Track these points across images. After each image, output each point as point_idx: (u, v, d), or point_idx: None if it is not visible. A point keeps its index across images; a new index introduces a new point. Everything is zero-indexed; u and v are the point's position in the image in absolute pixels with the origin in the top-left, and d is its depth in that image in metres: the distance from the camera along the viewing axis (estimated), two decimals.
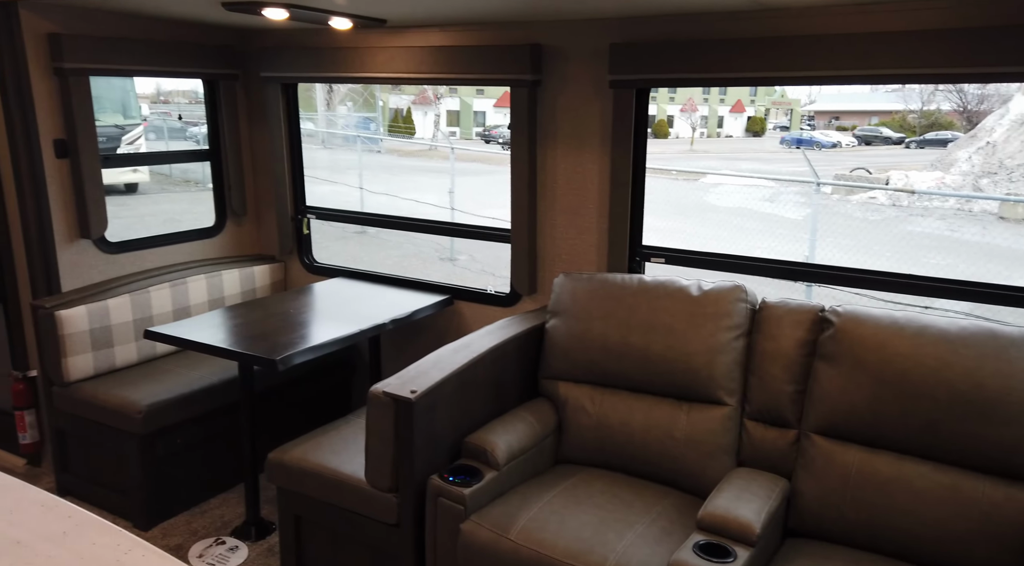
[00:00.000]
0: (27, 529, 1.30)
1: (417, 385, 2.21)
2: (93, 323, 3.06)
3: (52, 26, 2.93)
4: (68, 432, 3.11)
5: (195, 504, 3.10)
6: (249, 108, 3.76)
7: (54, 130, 3.03)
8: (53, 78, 2.98)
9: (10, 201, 3.09)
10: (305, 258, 3.88)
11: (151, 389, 2.97)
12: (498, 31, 2.95)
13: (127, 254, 3.40)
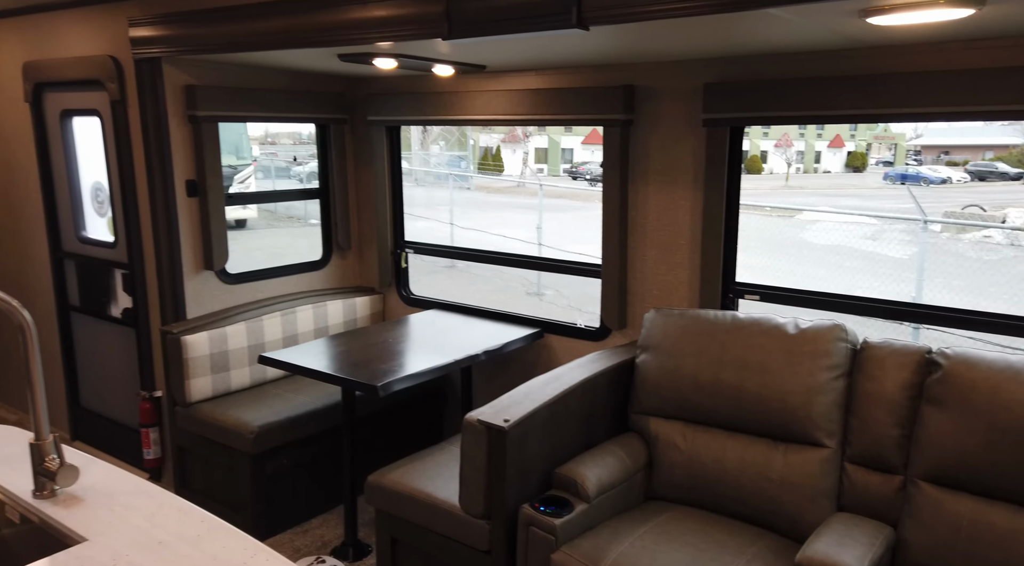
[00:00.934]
0: (167, 531, 1.44)
1: (510, 414, 2.28)
2: (213, 348, 3.32)
3: (189, 78, 3.26)
4: (188, 449, 3.35)
5: (298, 523, 3.26)
6: (355, 149, 4.02)
7: (186, 171, 3.35)
8: (187, 125, 3.31)
9: (146, 236, 3.42)
10: (403, 290, 4.06)
11: (262, 411, 3.17)
12: (592, 73, 3.05)
13: (243, 285, 3.67)
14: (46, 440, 1.56)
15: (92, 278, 3.84)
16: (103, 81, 3.32)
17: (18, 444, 1.83)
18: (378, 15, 2.40)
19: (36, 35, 3.69)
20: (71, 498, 1.56)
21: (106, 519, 1.48)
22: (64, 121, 3.75)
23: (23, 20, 3.74)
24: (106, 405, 3.95)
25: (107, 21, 3.30)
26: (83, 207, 3.88)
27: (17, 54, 3.81)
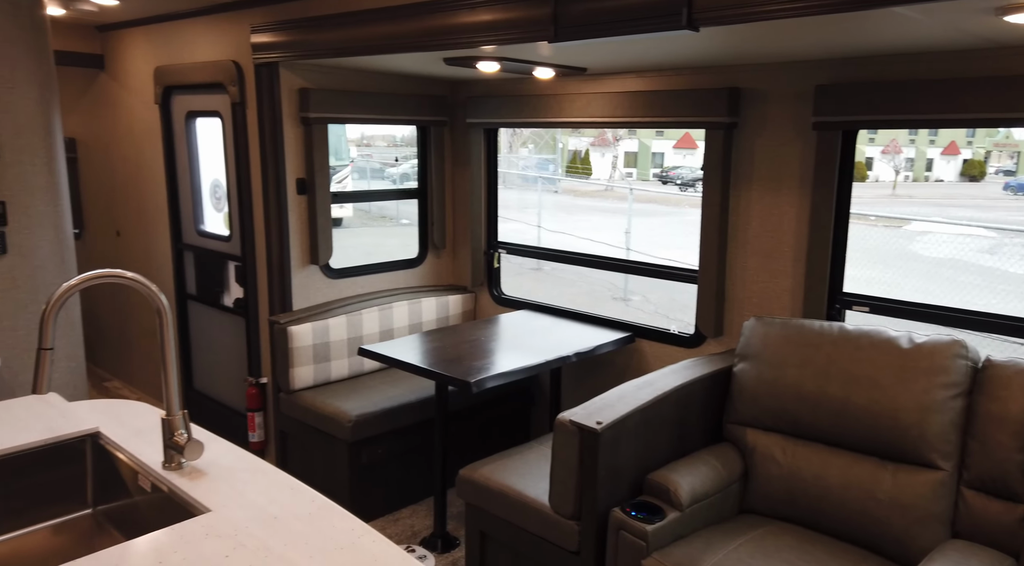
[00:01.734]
0: (281, 507, 1.53)
1: (603, 417, 2.27)
2: (316, 339, 3.48)
3: (302, 82, 3.43)
4: (289, 434, 3.53)
5: (389, 511, 3.37)
6: (453, 151, 4.11)
7: (297, 170, 3.52)
8: (299, 126, 3.48)
9: (259, 230, 3.62)
10: (494, 290, 4.12)
11: (359, 402, 3.30)
12: (695, 75, 3.00)
13: (344, 279, 3.82)
14: (176, 416, 1.68)
15: (208, 269, 4.10)
16: (225, 84, 3.55)
17: (147, 419, 1.98)
18: (485, 19, 2.45)
19: (167, 41, 3.99)
20: (196, 471, 1.68)
21: (227, 493, 1.58)
22: (189, 122, 4.02)
23: (156, 28, 4.04)
24: (216, 389, 4.20)
25: (231, 28, 3.52)
26: (202, 202, 4.15)
27: (150, 59, 4.12)
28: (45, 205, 2.92)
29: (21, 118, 2.82)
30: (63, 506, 1.83)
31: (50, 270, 2.96)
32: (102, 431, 1.87)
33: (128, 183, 4.60)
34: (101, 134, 4.76)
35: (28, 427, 1.87)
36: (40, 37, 2.85)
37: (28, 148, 2.85)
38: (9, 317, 2.86)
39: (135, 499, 1.74)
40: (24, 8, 2.78)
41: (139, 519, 1.73)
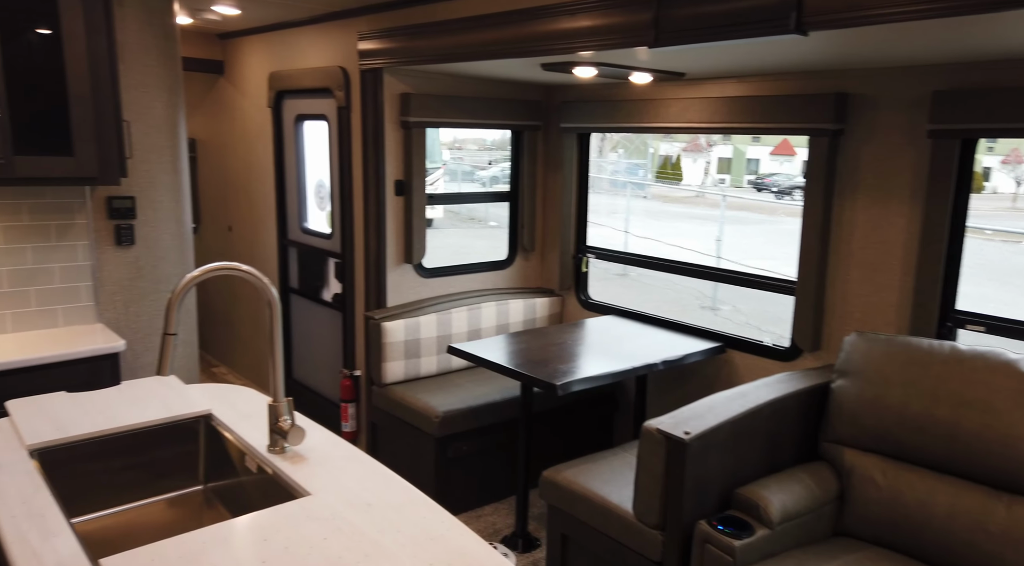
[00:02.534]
0: (375, 495, 1.60)
1: (691, 427, 2.24)
2: (407, 335, 3.59)
3: (404, 87, 3.55)
4: (380, 426, 3.66)
5: (472, 507, 3.43)
6: (546, 155, 4.15)
7: (396, 172, 3.65)
8: (400, 129, 3.60)
9: (358, 229, 3.77)
10: (581, 294, 4.12)
11: (446, 398, 3.38)
12: (800, 80, 2.91)
13: (436, 279, 3.93)
14: (281, 403, 1.78)
15: (310, 265, 4.31)
16: (332, 89, 3.72)
17: (254, 404, 2.11)
18: (584, 25, 2.47)
19: (280, 48, 4.22)
20: (297, 456, 1.77)
21: (325, 478, 1.66)
22: (297, 125, 4.24)
23: (271, 35, 4.29)
24: (313, 379, 4.41)
25: (340, 35, 3.69)
26: (307, 201, 4.36)
27: (265, 65, 4.37)
28: (169, 201, 3.16)
29: (151, 120, 3.06)
30: (178, 481, 1.98)
31: (171, 261, 3.20)
32: (214, 413, 2.01)
33: (240, 182, 4.89)
34: (218, 135, 5.09)
35: (150, 406, 2.03)
36: (171, 45, 3.09)
37: (156, 147, 3.09)
38: (134, 303, 3.11)
39: (241, 478, 1.86)
40: (158, 17, 3.02)
41: (244, 497, 1.85)
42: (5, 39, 2.40)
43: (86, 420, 1.90)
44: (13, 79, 2.42)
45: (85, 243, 2.93)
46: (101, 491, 1.84)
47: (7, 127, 2.43)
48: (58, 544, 1.35)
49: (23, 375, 2.50)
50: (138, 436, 1.90)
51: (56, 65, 2.52)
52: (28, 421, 1.87)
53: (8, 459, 1.68)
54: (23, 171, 2.49)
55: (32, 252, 2.82)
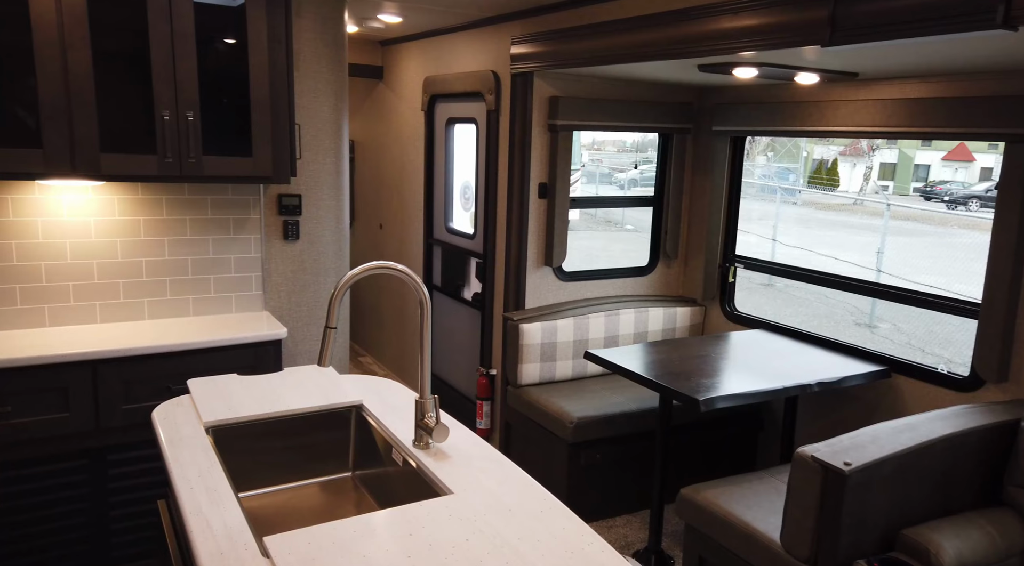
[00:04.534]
0: (515, 500, 1.59)
1: (852, 458, 2.05)
2: (544, 338, 3.59)
3: (553, 90, 3.56)
4: (513, 426, 3.69)
5: (603, 517, 3.38)
6: (694, 159, 4.00)
7: (540, 175, 3.66)
8: (546, 133, 3.61)
9: (500, 231, 3.83)
10: (727, 305, 3.93)
11: (581, 404, 3.34)
12: (996, 80, 2.59)
13: (574, 283, 3.90)
14: (427, 400, 1.83)
15: (453, 263, 4.44)
16: (483, 93, 3.80)
17: (401, 398, 2.18)
18: (748, 24, 2.34)
19: (436, 54, 4.37)
20: (440, 453, 1.81)
21: (467, 478, 1.68)
22: (448, 128, 4.38)
23: (427, 42, 4.46)
24: (450, 374, 4.54)
25: (492, 40, 3.76)
26: (452, 202, 4.49)
27: (420, 70, 4.56)
28: (331, 199, 3.36)
29: (319, 123, 3.28)
30: (329, 466, 2.09)
31: (330, 256, 3.41)
32: (365, 404, 2.11)
33: (393, 182, 5.13)
34: (375, 137, 5.37)
35: (309, 393, 2.16)
36: (339, 52, 3.29)
37: (322, 149, 3.30)
38: (296, 294, 3.34)
39: (387, 468, 1.93)
40: (330, 26, 3.23)
41: (389, 488, 1.92)
42: (201, 50, 2.65)
43: (254, 403, 2.05)
44: (205, 86, 2.67)
45: (257, 236, 3.19)
46: (262, 469, 1.98)
47: (199, 130, 2.68)
48: (227, 516, 1.46)
49: (203, 355, 2.76)
50: (297, 420, 2.03)
51: (241, 73, 2.75)
52: (205, 400, 2.05)
53: (189, 433, 1.85)
54: (209, 170, 2.74)
55: (213, 243, 3.10)
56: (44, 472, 2.56)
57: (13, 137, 2.44)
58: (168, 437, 1.82)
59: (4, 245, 2.72)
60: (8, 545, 2.54)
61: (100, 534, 2.69)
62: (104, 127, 2.54)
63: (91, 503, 2.66)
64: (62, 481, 2.60)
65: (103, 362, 2.59)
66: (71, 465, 2.61)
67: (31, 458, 2.53)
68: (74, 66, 2.47)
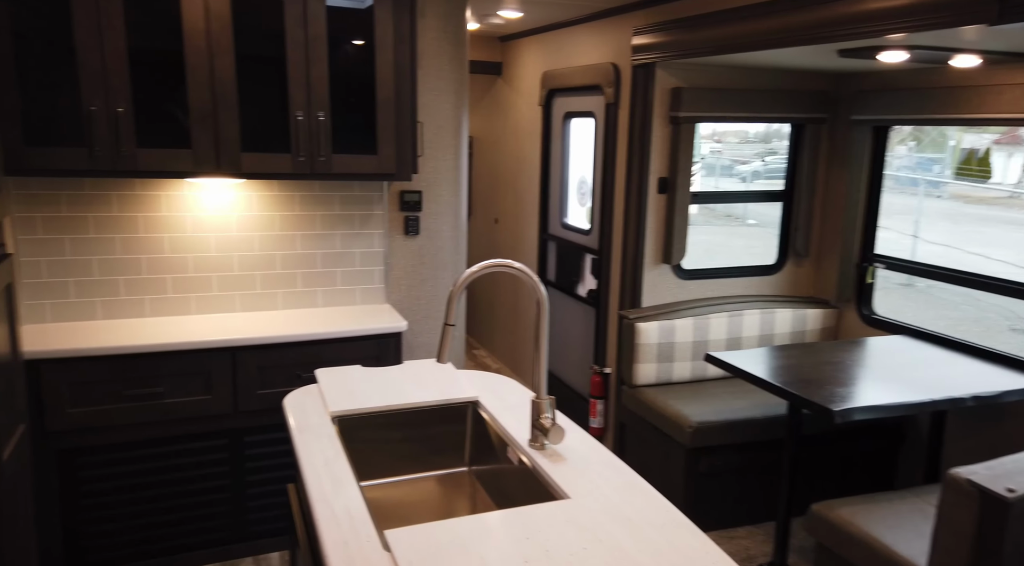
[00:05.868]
0: (635, 509, 1.54)
1: (1018, 484, 1.83)
2: (661, 338, 3.48)
3: (676, 81, 3.43)
4: (628, 427, 3.61)
5: (723, 527, 3.24)
6: (830, 151, 3.73)
7: (660, 170, 3.55)
8: (668, 125, 3.49)
9: (617, 227, 3.74)
10: (864, 309, 3.65)
11: (700, 408, 3.21)
12: None
13: (694, 281, 3.75)
14: (544, 400, 1.80)
15: (567, 259, 4.40)
16: (602, 86, 3.72)
17: (517, 396, 2.17)
18: (899, 3, 2.13)
19: (554, 48, 4.34)
20: (556, 455, 1.78)
21: (584, 483, 1.64)
22: (565, 122, 4.34)
23: (546, 36, 4.43)
24: (563, 371, 4.51)
25: (613, 32, 3.68)
26: (568, 197, 4.45)
27: (538, 65, 4.54)
28: (450, 195, 3.42)
29: (440, 119, 3.33)
30: (446, 459, 2.11)
31: (448, 251, 3.46)
32: (481, 401, 2.11)
33: (509, 177, 5.16)
34: (492, 132, 5.42)
35: (427, 387, 2.19)
36: (460, 49, 3.33)
37: (442, 145, 3.36)
38: (415, 288, 3.42)
39: (502, 465, 1.92)
40: (452, 24, 3.27)
41: (504, 486, 1.91)
42: (332, 52, 2.75)
43: (376, 394, 2.11)
44: (335, 87, 2.78)
45: (380, 232, 3.29)
46: (383, 459, 2.03)
47: (329, 129, 2.79)
48: (351, 507, 1.50)
49: (330, 344, 2.88)
50: (415, 414, 2.07)
51: (367, 73, 2.84)
52: (331, 390, 2.13)
53: (316, 422, 1.92)
54: (338, 168, 2.85)
55: (340, 238, 3.24)
56: (189, 449, 2.77)
57: (167, 139, 2.64)
58: (298, 424, 1.91)
59: (157, 238, 2.96)
60: (157, 515, 2.77)
61: (239, 510, 2.88)
62: (245, 128, 2.70)
63: (231, 480, 2.85)
64: (205, 458, 2.80)
65: (241, 349, 2.76)
66: (213, 444, 2.80)
67: (179, 435, 2.75)
68: (220, 71, 2.63)
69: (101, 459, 2.66)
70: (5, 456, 2.09)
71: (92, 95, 2.49)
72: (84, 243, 2.86)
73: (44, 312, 2.84)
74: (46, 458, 2.56)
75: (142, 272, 2.96)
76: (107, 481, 2.68)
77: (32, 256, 2.80)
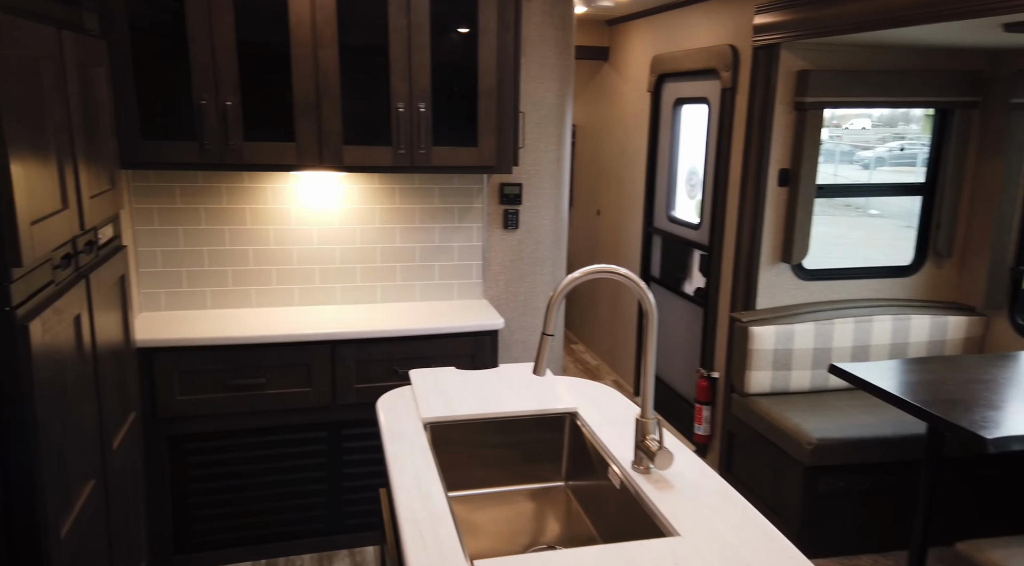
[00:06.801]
0: (755, 555, 1.35)
1: None
2: (778, 344, 3.21)
3: (802, 63, 3.12)
4: (737, 437, 3.37)
5: (843, 553, 2.95)
6: (982, 139, 3.30)
7: (781, 160, 3.25)
8: (792, 111, 3.19)
9: (730, 221, 3.48)
10: (1018, 317, 3.22)
11: (821, 423, 2.93)
12: None
13: (817, 282, 3.44)
14: (650, 420, 1.64)
15: (673, 255, 4.16)
16: (718, 70, 3.46)
17: (620, 409, 2.02)
18: None
19: (665, 31, 4.09)
20: (663, 481, 1.62)
21: (694, 517, 1.47)
22: (675, 109, 4.09)
23: (657, 18, 4.18)
24: (665, 372, 4.29)
25: (731, 11, 3.40)
26: (676, 189, 4.21)
27: (648, 49, 4.30)
28: (551, 188, 3.28)
29: (543, 109, 3.19)
30: (541, 471, 1.99)
31: (547, 245, 3.33)
32: (580, 412, 1.97)
33: (613, 167, 4.95)
34: (596, 121, 5.23)
35: (522, 394, 2.08)
36: (566, 35, 3.17)
37: (544, 136, 3.22)
38: (513, 283, 3.32)
39: (601, 483, 1.78)
40: (558, 9, 3.11)
41: (603, 508, 1.77)
42: (433, 41, 2.67)
43: (469, 400, 2.01)
44: (436, 77, 2.70)
45: (479, 225, 3.20)
46: (474, 468, 1.94)
47: (429, 121, 2.72)
48: (440, 530, 1.41)
49: (427, 340, 2.83)
50: (510, 423, 1.96)
51: (469, 62, 2.74)
52: (425, 394, 2.05)
53: (408, 428, 1.85)
54: (437, 160, 2.78)
55: (439, 232, 3.18)
56: (289, 440, 2.80)
57: (272, 132, 2.65)
58: (389, 430, 1.84)
59: (263, 230, 3.01)
60: (259, 502, 2.82)
61: (336, 502, 2.90)
62: (346, 120, 2.67)
63: (328, 472, 2.87)
64: (304, 450, 2.83)
65: (340, 343, 2.75)
66: (312, 435, 2.82)
67: (280, 426, 2.78)
68: (324, 63, 2.61)
69: (208, 446, 2.73)
70: (117, 443, 2.16)
71: (202, 89, 2.53)
72: (196, 234, 2.94)
73: (159, 300, 2.95)
74: (157, 444, 2.65)
75: (249, 263, 3.01)
76: (213, 467, 2.75)
77: (149, 246, 2.90)
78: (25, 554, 1.60)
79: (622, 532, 1.64)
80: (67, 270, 1.81)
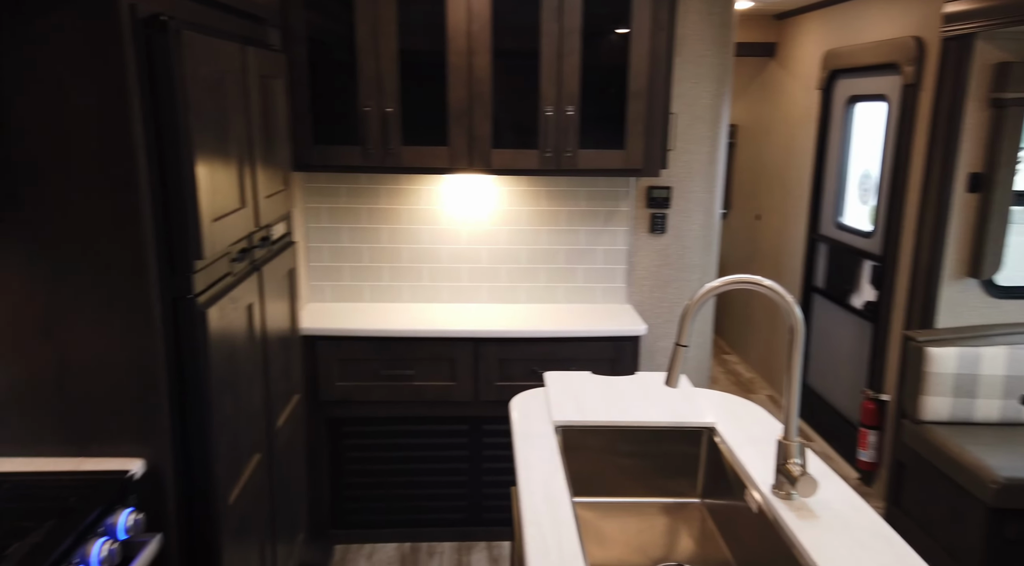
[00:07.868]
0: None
1: None
2: (961, 368, 2.86)
3: (1002, 54, 2.75)
4: (908, 468, 3.04)
5: None
6: None
7: (971, 163, 2.90)
8: (987, 109, 2.83)
9: (908, 230, 3.15)
10: None
11: (1010, 459, 2.57)
12: None
13: (1012, 301, 3.02)
14: (793, 443, 1.53)
15: (841, 265, 3.84)
16: (900, 64, 3.14)
17: (762, 427, 1.90)
18: None
19: (840, 24, 3.79)
20: (805, 509, 1.50)
21: (841, 554, 1.35)
22: (848, 107, 3.77)
23: (830, 11, 3.88)
24: (828, 390, 3.97)
25: (916, 1, 3.08)
26: (846, 193, 3.88)
27: (820, 44, 4.01)
28: (702, 191, 3.15)
29: (697, 109, 3.08)
30: (675, 486, 1.92)
31: (696, 251, 3.21)
32: (718, 428, 1.88)
33: (776, 169, 4.67)
34: (760, 120, 4.95)
35: (658, 404, 2.02)
36: (725, 32, 3.03)
37: (697, 138, 3.10)
38: (658, 289, 3.23)
39: (738, 505, 1.69)
40: (718, 6, 2.99)
41: (739, 532, 1.68)
42: (585, 43, 2.66)
43: (603, 407, 1.99)
44: (585, 80, 2.69)
45: (625, 229, 3.15)
46: (603, 476, 1.91)
47: (577, 124, 2.72)
48: (564, 540, 1.39)
49: (567, 342, 2.84)
50: (643, 433, 1.91)
51: (620, 65, 2.70)
52: (558, 396, 2.06)
53: (539, 431, 1.86)
54: (583, 163, 2.77)
55: (584, 235, 3.17)
56: (434, 431, 2.93)
57: (426, 137, 2.78)
58: (521, 431, 1.86)
59: (416, 230, 3.16)
60: (405, 488, 2.97)
61: (475, 495, 2.99)
62: (496, 124, 2.74)
63: (469, 464, 2.96)
64: (447, 441, 2.94)
65: (483, 340, 2.83)
66: (455, 428, 2.93)
67: (426, 417, 2.91)
68: (477, 70, 2.70)
69: (362, 430, 2.92)
70: (281, 422, 2.38)
71: (367, 97, 2.71)
72: (358, 232, 3.16)
73: (325, 292, 3.20)
74: (318, 426, 2.88)
75: (403, 261, 3.18)
76: (367, 451, 2.94)
77: (317, 243, 3.16)
78: (200, 516, 1.80)
79: (759, 559, 1.54)
80: (242, 263, 2.02)
